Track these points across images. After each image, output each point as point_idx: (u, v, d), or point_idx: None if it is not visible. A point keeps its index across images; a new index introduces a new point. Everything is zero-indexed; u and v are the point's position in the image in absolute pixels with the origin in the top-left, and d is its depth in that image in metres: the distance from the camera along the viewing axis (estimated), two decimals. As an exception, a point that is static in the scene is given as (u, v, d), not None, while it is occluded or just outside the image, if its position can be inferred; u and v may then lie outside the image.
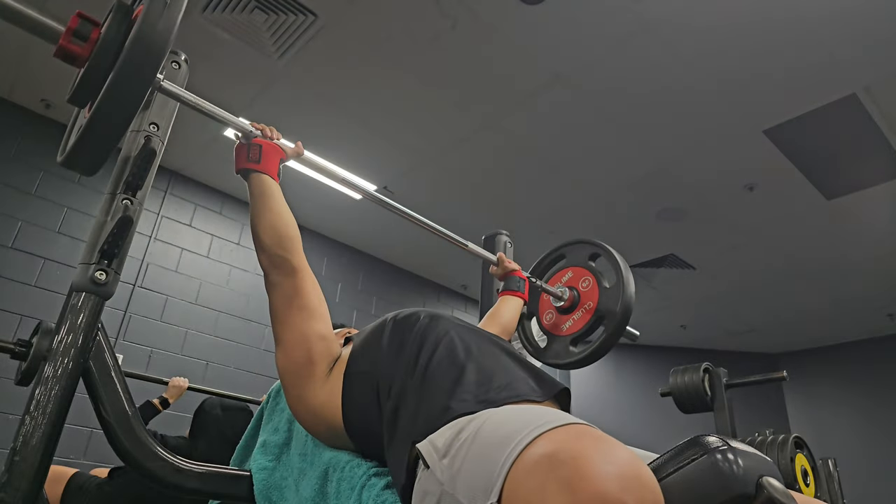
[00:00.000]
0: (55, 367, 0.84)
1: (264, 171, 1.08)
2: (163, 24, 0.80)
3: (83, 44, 0.86)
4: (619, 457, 0.50)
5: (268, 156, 1.10)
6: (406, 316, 1.00)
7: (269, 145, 1.11)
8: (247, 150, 1.09)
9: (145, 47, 0.79)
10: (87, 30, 0.87)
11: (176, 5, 0.83)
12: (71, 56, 0.87)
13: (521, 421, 0.59)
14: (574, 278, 1.73)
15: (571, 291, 1.69)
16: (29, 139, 3.45)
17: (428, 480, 0.65)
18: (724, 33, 2.62)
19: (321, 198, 4.11)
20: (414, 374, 0.85)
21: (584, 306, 1.66)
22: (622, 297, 1.55)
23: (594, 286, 1.65)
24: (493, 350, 0.92)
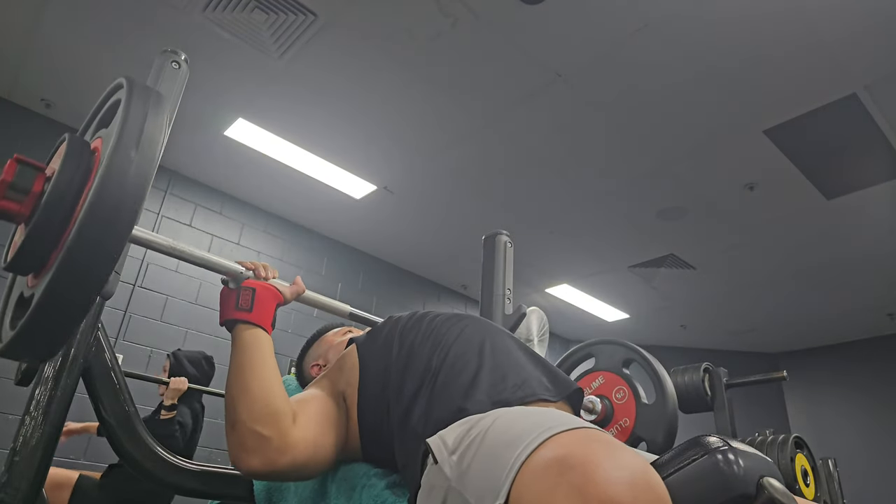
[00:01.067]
0: (55, 367, 0.84)
1: (256, 321, 0.89)
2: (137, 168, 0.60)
3: (23, 198, 0.65)
4: (629, 462, 0.50)
5: (262, 302, 0.90)
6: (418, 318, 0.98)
7: (263, 288, 0.92)
8: (236, 295, 0.90)
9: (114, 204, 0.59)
10: (27, 179, 0.66)
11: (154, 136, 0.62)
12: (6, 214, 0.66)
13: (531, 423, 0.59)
14: (606, 386, 1.53)
15: (604, 402, 1.49)
16: (29, 139, 3.45)
17: (436, 475, 0.64)
18: (724, 33, 2.62)
19: (321, 198, 4.11)
20: (427, 377, 0.84)
21: (619, 423, 1.46)
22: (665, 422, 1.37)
23: (630, 400, 1.46)
24: (506, 346, 0.91)
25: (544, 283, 5.15)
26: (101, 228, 0.59)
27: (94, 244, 0.59)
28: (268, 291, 0.92)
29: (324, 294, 1.06)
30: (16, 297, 0.73)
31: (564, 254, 4.59)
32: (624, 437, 1.43)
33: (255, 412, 0.79)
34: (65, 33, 2.92)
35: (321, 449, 0.84)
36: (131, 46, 2.94)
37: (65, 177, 0.65)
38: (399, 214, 4.27)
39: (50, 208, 0.64)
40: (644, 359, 1.47)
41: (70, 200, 0.64)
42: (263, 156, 3.68)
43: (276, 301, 0.93)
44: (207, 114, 3.40)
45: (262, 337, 0.88)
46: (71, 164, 0.65)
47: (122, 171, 0.59)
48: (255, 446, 0.77)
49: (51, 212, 0.64)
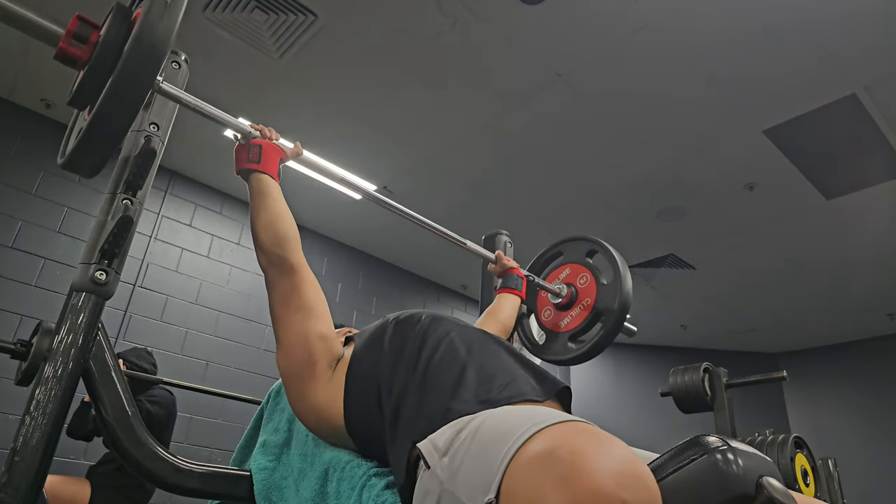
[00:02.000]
0: (55, 367, 0.84)
1: (264, 170, 1.08)
2: (163, 27, 0.80)
3: (83, 46, 0.85)
4: (617, 453, 0.50)
5: (268, 156, 1.10)
6: (408, 317, 1.00)
7: (268, 145, 1.11)
8: (247, 150, 1.10)
9: (145, 50, 0.79)
10: (86, 32, 0.86)
11: (176, 7, 0.82)
12: (71, 59, 0.86)
13: (520, 418, 0.59)
14: (572, 275, 1.74)
15: (569, 288, 1.70)
16: (29, 139, 3.45)
17: (429, 480, 0.65)
18: (724, 33, 2.62)
19: (321, 198, 4.11)
20: (415, 375, 0.85)
21: (581, 303, 1.66)
22: (620, 293, 1.56)
23: (592, 283, 1.66)
24: (494, 349, 0.92)
25: (544, 283, 5.15)
26: (135, 68, 0.78)
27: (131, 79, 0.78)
28: (273, 148, 1.11)
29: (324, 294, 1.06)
30: (78, 129, 0.93)
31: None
32: (587, 311, 1.64)
33: (270, 237, 1.01)
34: None
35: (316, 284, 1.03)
36: (131, 46, 2.94)
37: (112, 32, 0.84)
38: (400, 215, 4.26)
39: (102, 54, 0.83)
40: (603, 247, 1.67)
41: (116, 49, 0.83)
42: (263, 156, 3.68)
43: (279, 156, 1.12)
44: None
45: (270, 181, 1.08)
46: (117, 23, 0.85)
47: (152, 27, 0.79)
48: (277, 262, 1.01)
49: (102, 57, 0.83)
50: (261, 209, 1.04)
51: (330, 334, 0.99)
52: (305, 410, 0.95)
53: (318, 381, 0.95)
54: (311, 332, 0.96)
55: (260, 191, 1.07)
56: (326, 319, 1.00)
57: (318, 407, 0.94)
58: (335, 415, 0.92)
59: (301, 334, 0.96)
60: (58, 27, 0.86)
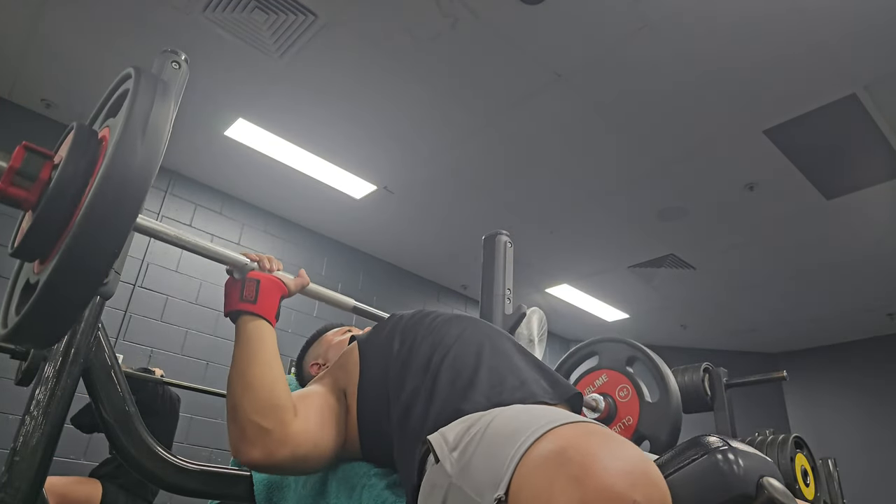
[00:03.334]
0: (55, 367, 0.84)
1: (260, 313, 0.90)
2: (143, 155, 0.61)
3: (30, 185, 0.66)
4: (628, 454, 0.50)
5: (266, 293, 0.92)
6: (418, 318, 0.98)
7: (267, 280, 0.94)
8: (241, 287, 0.92)
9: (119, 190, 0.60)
10: (35, 167, 0.67)
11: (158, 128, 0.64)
12: (14, 201, 0.67)
13: (531, 417, 0.59)
14: (609, 384, 1.54)
15: (607, 400, 1.50)
16: (29, 139, 3.43)
17: (437, 473, 0.65)
18: (723, 33, 2.62)
19: (321, 197, 4.11)
20: (426, 378, 0.84)
21: (622, 421, 1.46)
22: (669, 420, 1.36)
23: (633, 398, 1.46)
24: (505, 349, 0.91)
25: (544, 283, 5.15)
26: (106, 215, 0.60)
27: (99, 230, 0.60)
28: (272, 283, 0.93)
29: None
30: (22, 284, 0.74)
31: (564, 254, 4.59)
32: (627, 434, 1.43)
33: (256, 404, 0.79)
34: (65, 33, 2.92)
35: (321, 443, 0.84)
36: (131, 46, 2.94)
37: (71, 165, 0.65)
38: (399, 214, 4.27)
39: (56, 195, 0.65)
40: (648, 357, 1.48)
41: (77, 188, 0.65)
42: (263, 156, 3.68)
43: (280, 293, 0.95)
44: (207, 114, 3.40)
45: (266, 328, 0.89)
46: (78, 152, 0.66)
47: (127, 159, 0.61)
48: (256, 438, 0.77)
49: (57, 199, 0.65)
50: (248, 361, 0.84)
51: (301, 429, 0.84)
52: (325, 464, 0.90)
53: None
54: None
55: (251, 338, 0.87)
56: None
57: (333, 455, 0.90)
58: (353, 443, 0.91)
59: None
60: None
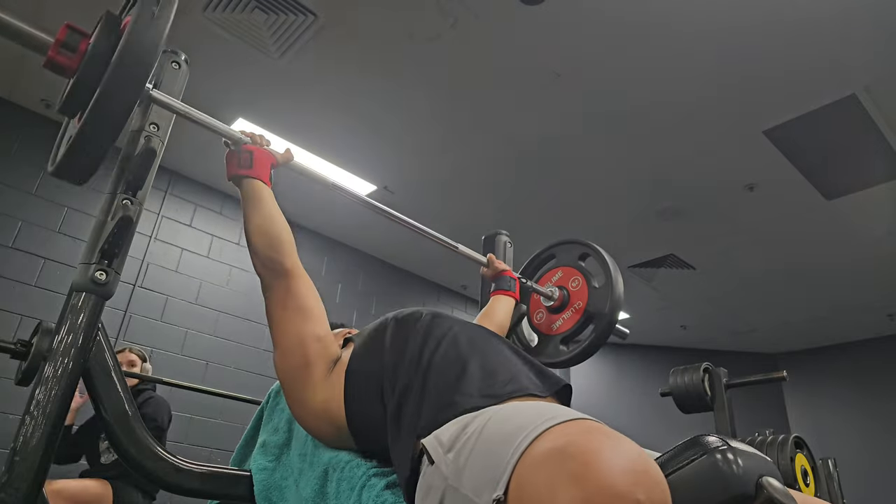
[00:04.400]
0: (55, 367, 0.84)
1: (256, 176, 1.09)
2: (150, 36, 0.80)
3: (72, 55, 0.86)
4: (629, 451, 0.50)
5: (259, 161, 1.10)
6: (408, 314, 1.00)
7: (259, 151, 1.11)
8: (237, 156, 1.10)
9: (133, 58, 0.79)
10: (75, 41, 0.86)
11: (164, 16, 0.82)
12: (60, 67, 0.87)
13: (529, 415, 0.59)
14: (564, 278, 1.75)
15: (561, 291, 1.72)
16: (29, 139, 3.45)
17: (432, 475, 0.65)
18: (724, 33, 2.62)
19: (321, 198, 4.11)
20: (418, 371, 0.85)
21: (573, 306, 1.69)
22: (611, 297, 1.58)
23: (584, 286, 1.68)
24: (495, 345, 0.92)
25: (544, 283, 5.15)
26: (123, 76, 0.79)
27: (119, 88, 0.79)
28: (263, 154, 1.11)
29: (324, 295, 1.06)
30: (68, 137, 0.92)
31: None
32: (578, 314, 1.65)
33: (263, 241, 1.01)
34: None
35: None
36: (131, 46, 2.94)
37: (102, 40, 0.85)
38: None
39: (90, 62, 0.83)
40: (595, 250, 1.68)
41: (105, 57, 0.83)
42: (263, 156, 3.68)
43: (270, 162, 1.13)
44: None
45: (263, 187, 1.08)
46: (105, 32, 0.85)
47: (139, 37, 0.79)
48: (271, 265, 1.01)
49: (91, 65, 0.83)
50: (254, 213, 1.05)
51: (326, 336, 0.99)
52: (304, 412, 0.95)
53: (315, 382, 0.95)
54: (307, 335, 0.97)
55: (252, 196, 1.07)
56: (322, 322, 1.01)
57: (317, 408, 0.94)
58: (336, 414, 0.92)
59: (297, 336, 0.96)
60: (47, 36, 0.87)
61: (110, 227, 0.92)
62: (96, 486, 2.36)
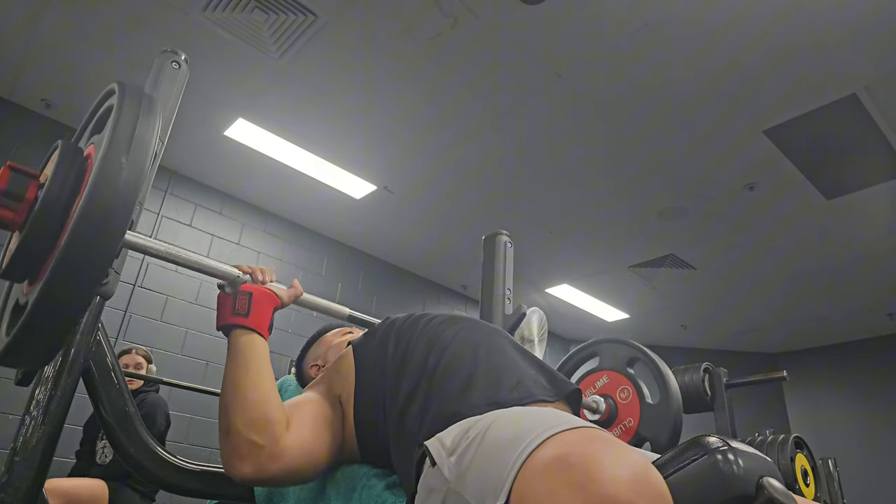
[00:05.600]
0: (55, 367, 0.84)
1: (253, 326, 0.88)
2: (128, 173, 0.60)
3: (17, 205, 0.66)
4: (631, 460, 0.50)
5: (259, 306, 0.90)
6: (414, 320, 0.98)
7: (260, 292, 0.92)
8: (232, 300, 0.90)
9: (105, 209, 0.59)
10: (21, 188, 0.66)
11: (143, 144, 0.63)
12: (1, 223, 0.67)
13: (531, 422, 0.58)
14: (610, 385, 1.53)
15: (608, 402, 1.49)
16: (29, 139, 3.45)
17: (434, 478, 0.64)
18: (723, 33, 2.62)
19: (321, 197, 4.11)
20: (422, 379, 0.84)
21: (623, 423, 1.46)
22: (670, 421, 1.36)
23: (634, 399, 1.45)
24: (502, 348, 0.90)
25: (544, 283, 5.15)
26: (93, 234, 0.59)
27: (87, 250, 0.59)
28: (265, 296, 0.92)
29: (324, 295, 1.05)
30: (11, 306, 0.74)
31: (564, 254, 4.59)
32: (628, 436, 1.44)
33: (248, 420, 0.79)
34: (65, 33, 2.92)
35: (315, 453, 0.83)
36: (131, 46, 2.94)
37: (57, 184, 0.65)
38: (399, 214, 4.27)
39: (43, 215, 0.64)
40: (649, 358, 1.47)
41: (63, 207, 0.65)
42: (263, 156, 3.68)
43: (272, 305, 0.93)
44: (207, 114, 3.40)
45: (259, 342, 0.87)
46: (63, 171, 0.66)
47: (112, 177, 0.60)
48: (248, 454, 0.77)
49: (44, 219, 0.64)
50: (239, 377, 0.83)
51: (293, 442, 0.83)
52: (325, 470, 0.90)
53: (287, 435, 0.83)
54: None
55: (242, 352, 0.85)
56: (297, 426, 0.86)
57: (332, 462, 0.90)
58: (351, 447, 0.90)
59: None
60: None
61: (110, 228, 0.91)
62: (91, 485, 2.34)
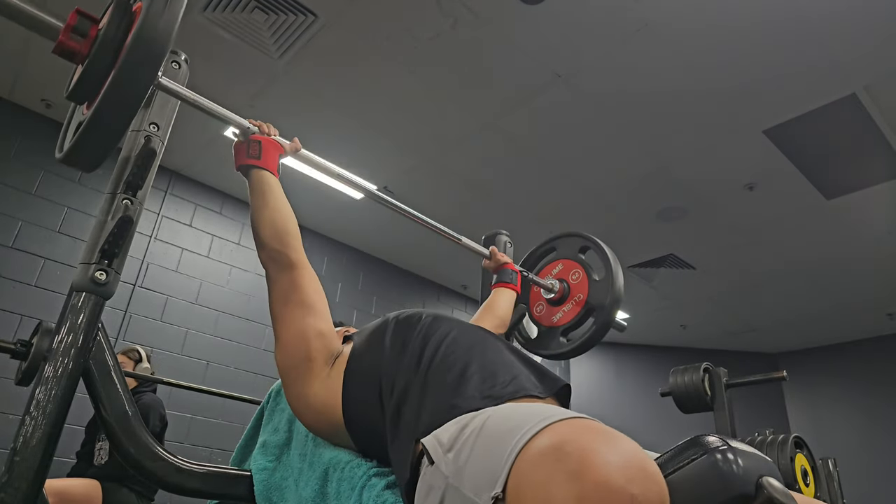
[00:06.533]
0: (55, 367, 0.84)
1: (264, 166, 1.09)
2: (164, 22, 0.79)
3: (82, 40, 0.85)
4: (625, 449, 0.50)
5: (267, 151, 1.10)
6: (408, 316, 1.00)
7: (267, 141, 1.11)
8: (246, 146, 1.10)
9: (146, 45, 0.77)
10: (85, 27, 0.85)
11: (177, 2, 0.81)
12: (70, 53, 0.86)
13: (526, 414, 0.59)
14: (564, 270, 1.77)
15: (562, 283, 1.73)
16: (29, 139, 3.45)
17: (433, 476, 0.65)
18: (723, 33, 2.62)
19: (321, 197, 4.11)
20: (417, 373, 0.85)
21: (574, 298, 1.70)
22: (612, 289, 1.59)
23: (584, 278, 1.70)
24: (495, 346, 0.92)
25: (544, 283, 5.15)
26: (136, 65, 0.77)
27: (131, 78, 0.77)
28: (272, 144, 1.12)
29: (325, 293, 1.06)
30: (75, 125, 0.93)
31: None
32: (579, 306, 1.66)
33: (270, 232, 1.02)
34: None
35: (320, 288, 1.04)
36: (131, 46, 2.94)
37: (112, 26, 0.83)
38: (399, 214, 4.26)
39: (101, 49, 0.82)
40: (595, 243, 1.69)
41: (116, 45, 0.82)
42: (263, 156, 3.68)
43: (278, 152, 1.13)
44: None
45: (272, 178, 1.09)
46: (117, 18, 0.84)
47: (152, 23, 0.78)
48: (277, 258, 1.01)
49: (101, 52, 0.82)
50: (262, 205, 1.05)
51: (328, 331, 0.99)
52: (303, 407, 0.95)
53: (315, 377, 0.94)
54: (309, 329, 0.96)
55: (261, 186, 1.07)
56: (325, 316, 1.00)
57: (316, 404, 0.94)
58: (334, 412, 0.92)
59: (300, 331, 0.96)
60: (57, 21, 0.86)
61: (110, 227, 0.92)
62: (85, 484, 2.34)
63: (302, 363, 0.95)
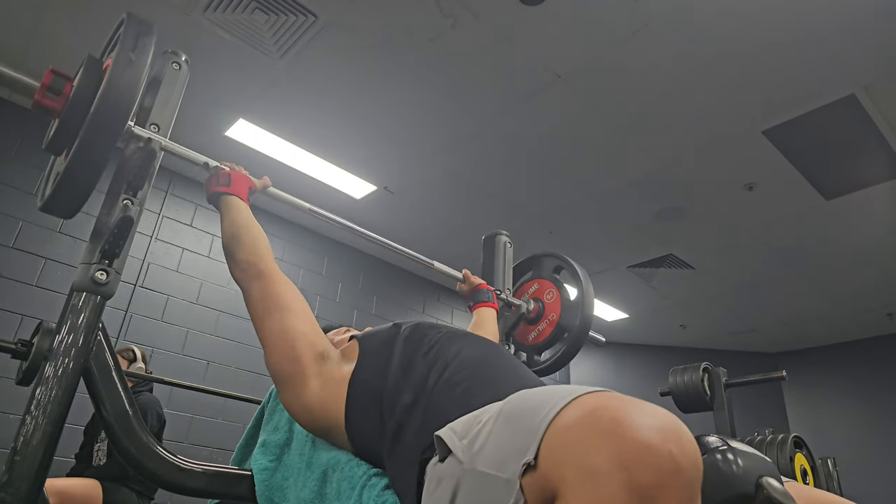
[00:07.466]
0: (56, 366, 0.84)
1: (234, 192, 1.15)
2: (129, 78, 0.86)
3: (56, 98, 0.92)
4: (659, 412, 0.51)
5: (237, 181, 1.17)
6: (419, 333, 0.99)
7: (237, 173, 1.19)
8: (216, 178, 1.17)
9: (114, 100, 0.85)
10: (60, 85, 0.93)
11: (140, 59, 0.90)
12: (46, 109, 0.93)
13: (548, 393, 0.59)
14: (540, 290, 1.81)
15: (536, 303, 1.77)
16: (29, 139, 3.45)
17: (446, 467, 0.64)
18: (723, 33, 2.62)
19: (321, 198, 4.11)
20: (422, 394, 0.84)
21: (547, 318, 1.74)
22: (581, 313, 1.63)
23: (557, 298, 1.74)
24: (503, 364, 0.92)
25: (544, 283, 5.15)
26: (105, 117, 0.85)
27: (100, 129, 0.85)
28: (241, 176, 1.19)
29: (324, 295, 1.07)
30: (54, 174, 0.99)
31: (564, 253, 4.58)
32: (552, 326, 1.70)
33: (237, 245, 1.06)
34: (65, 33, 2.92)
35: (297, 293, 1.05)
36: (131, 47, 2.94)
37: (82, 85, 0.91)
38: (399, 214, 4.27)
39: (74, 104, 0.90)
40: (569, 264, 1.74)
41: (87, 99, 0.89)
42: (264, 156, 3.68)
43: (247, 184, 1.20)
44: (208, 114, 3.40)
45: (241, 203, 1.14)
46: (88, 75, 0.92)
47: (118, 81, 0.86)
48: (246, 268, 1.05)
49: (75, 107, 0.90)
50: (230, 223, 1.09)
51: (311, 331, 0.99)
52: (299, 409, 0.95)
53: (308, 378, 0.94)
54: (290, 331, 0.97)
55: (230, 208, 1.12)
56: (306, 318, 1.00)
57: (313, 405, 0.93)
58: (335, 414, 0.92)
59: (281, 333, 0.97)
60: (33, 81, 0.94)
61: (111, 228, 0.92)
62: (85, 483, 2.34)
63: (290, 365, 0.95)
